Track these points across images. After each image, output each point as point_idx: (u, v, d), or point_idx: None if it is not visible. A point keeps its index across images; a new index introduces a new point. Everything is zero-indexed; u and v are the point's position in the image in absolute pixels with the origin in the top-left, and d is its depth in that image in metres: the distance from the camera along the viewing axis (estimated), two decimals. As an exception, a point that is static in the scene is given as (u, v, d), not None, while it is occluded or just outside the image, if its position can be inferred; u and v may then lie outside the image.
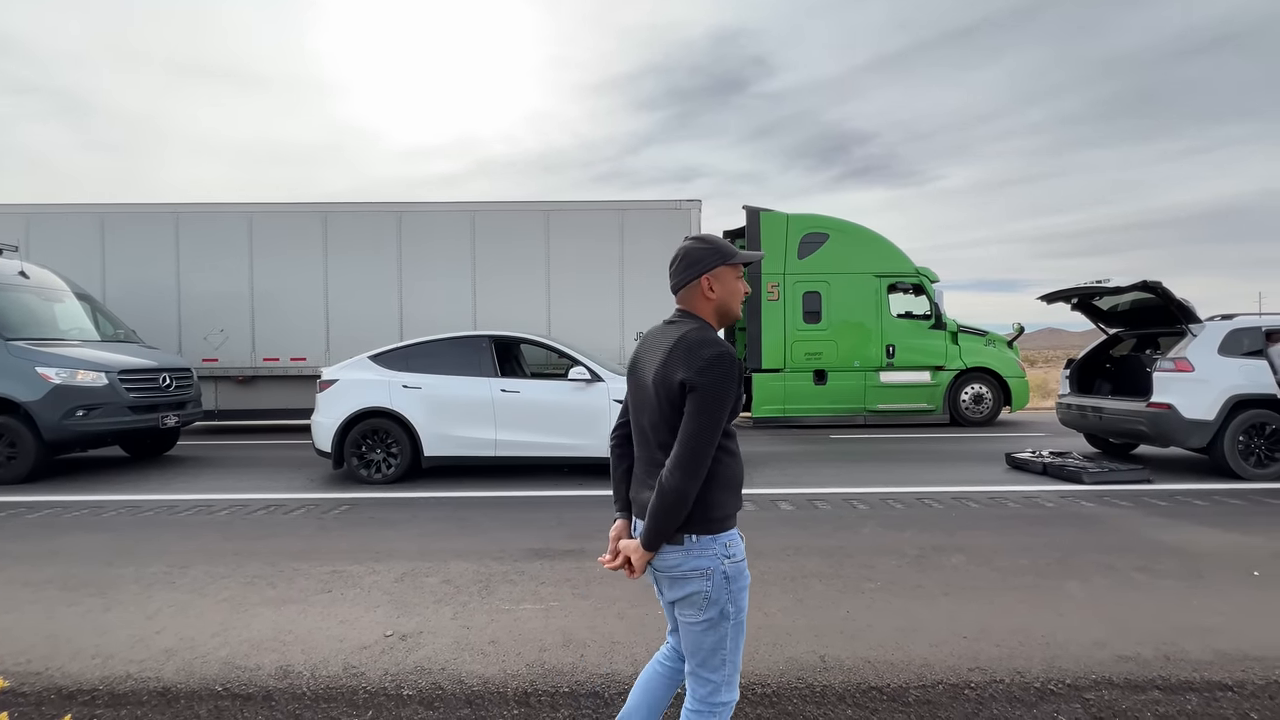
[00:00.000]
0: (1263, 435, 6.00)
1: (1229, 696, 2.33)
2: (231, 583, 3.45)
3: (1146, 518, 4.69)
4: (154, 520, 4.83)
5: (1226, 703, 2.29)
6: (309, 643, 2.75)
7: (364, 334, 9.28)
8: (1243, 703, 2.29)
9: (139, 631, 2.87)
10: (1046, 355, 48.42)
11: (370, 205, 10.08)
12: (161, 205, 9.95)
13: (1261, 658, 2.58)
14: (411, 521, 4.76)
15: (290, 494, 5.66)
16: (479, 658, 2.62)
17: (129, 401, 6.79)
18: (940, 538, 4.19)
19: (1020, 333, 10.95)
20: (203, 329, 9.78)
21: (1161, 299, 6.46)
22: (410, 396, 6.12)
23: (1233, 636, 2.75)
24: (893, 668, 2.52)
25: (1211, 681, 2.42)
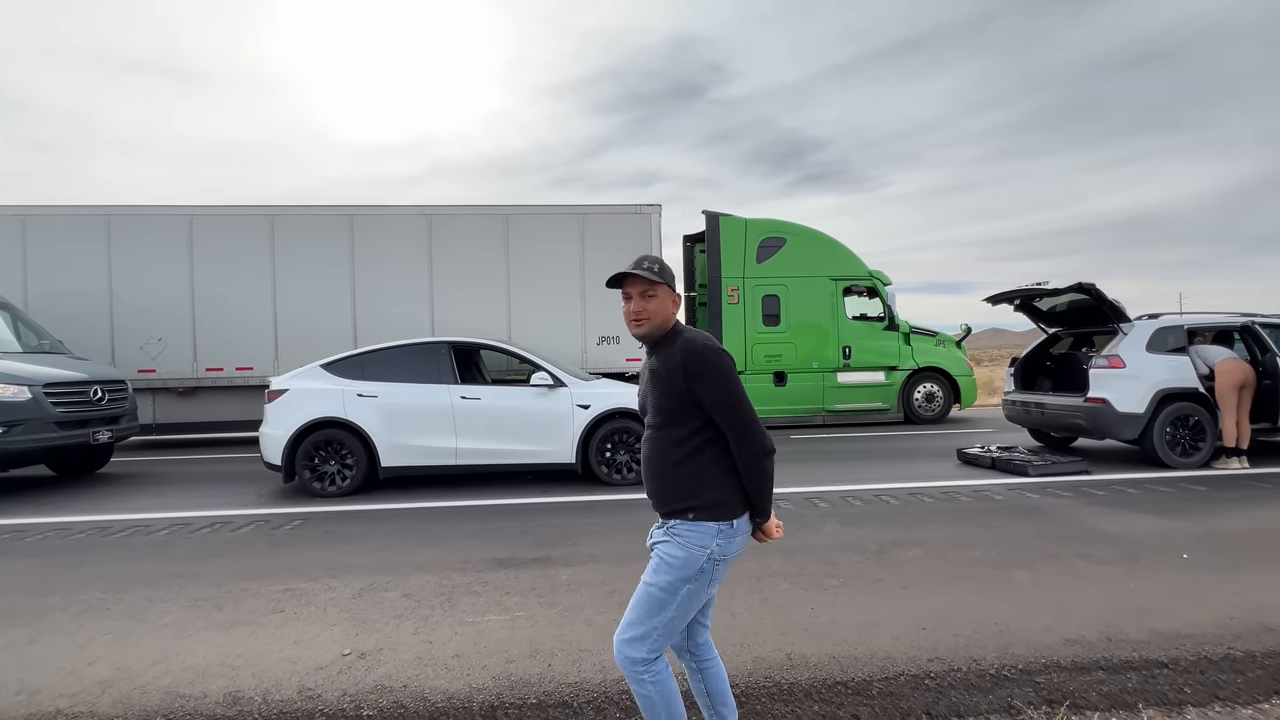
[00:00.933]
0: (1187, 426, 6.42)
1: (1165, 673, 2.47)
2: (173, 607, 3.26)
3: (1086, 507, 4.95)
4: (85, 543, 4.52)
5: (1163, 679, 2.43)
6: (260, 666, 2.62)
7: (315, 342, 8.93)
8: (1177, 678, 2.44)
9: (70, 663, 2.67)
10: (991, 354, 50.69)
11: (321, 208, 9.74)
12: (91, 207, 9.36)
13: (1192, 635, 2.75)
14: (369, 534, 4.61)
15: (237, 510, 5.39)
16: (443, 673, 2.54)
17: (55, 417, 6.35)
18: (898, 533, 4.32)
19: (967, 333, 11.42)
20: (138, 338, 9.23)
21: (1095, 299, 6.85)
22: (365, 405, 5.93)
23: (1166, 616, 2.92)
24: (857, 662, 2.57)
25: (1149, 660, 2.56)
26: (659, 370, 1.71)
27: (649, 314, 1.73)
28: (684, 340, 1.70)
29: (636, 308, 1.73)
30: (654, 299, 1.72)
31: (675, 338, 1.73)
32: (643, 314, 1.72)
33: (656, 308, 1.73)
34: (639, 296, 1.73)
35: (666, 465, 1.71)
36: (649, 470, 1.76)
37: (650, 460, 1.75)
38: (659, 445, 1.72)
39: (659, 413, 1.71)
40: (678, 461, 1.69)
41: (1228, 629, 2.79)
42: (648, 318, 1.73)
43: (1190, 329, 6.75)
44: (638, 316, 1.73)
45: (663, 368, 1.70)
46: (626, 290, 1.73)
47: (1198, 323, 6.86)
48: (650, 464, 1.75)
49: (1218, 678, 2.44)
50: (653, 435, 1.74)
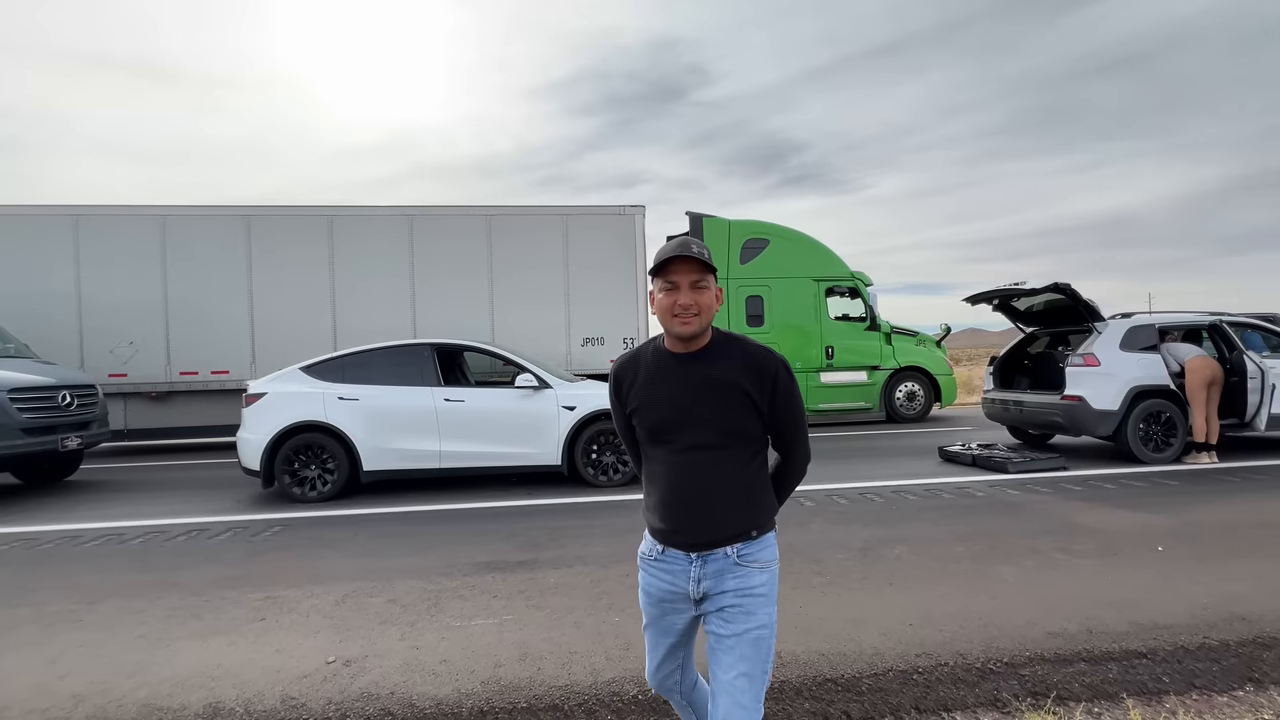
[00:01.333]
0: (1159, 422, 6.59)
1: (1144, 663, 2.53)
2: (149, 617, 3.17)
3: (1065, 502, 5.05)
4: (55, 553, 4.38)
5: (1143, 669, 2.49)
6: (241, 676, 2.55)
7: (294, 345, 8.76)
8: (1155, 668, 2.50)
9: (40, 678, 2.58)
10: (970, 354, 51.61)
11: (299, 208, 9.56)
12: (58, 207, 9.08)
13: (1169, 625, 2.81)
14: (352, 540, 4.53)
15: (215, 517, 5.26)
16: (430, 678, 2.50)
17: (21, 423, 6.15)
18: (883, 530, 4.36)
19: (947, 333, 11.61)
20: (109, 342, 8.98)
21: (1070, 299, 7.00)
22: (347, 409, 5.83)
23: (1144, 608, 2.99)
24: (845, 659, 2.59)
25: (1128, 650, 2.62)
26: (718, 381, 1.43)
27: (701, 308, 1.41)
28: (748, 346, 1.48)
29: (688, 300, 1.40)
30: (706, 291, 1.42)
31: (730, 342, 1.49)
32: (693, 308, 1.40)
33: (709, 302, 1.42)
34: (690, 288, 1.40)
35: (732, 489, 1.45)
36: (700, 497, 1.44)
37: (703, 485, 1.43)
38: (721, 468, 1.44)
39: (724, 431, 1.43)
40: (746, 485, 1.47)
41: (1202, 619, 2.87)
42: (698, 313, 1.41)
43: (1161, 328, 6.94)
44: (687, 311, 1.40)
45: (725, 378, 1.43)
46: (672, 278, 1.40)
47: (1168, 322, 7.05)
48: (703, 490, 1.44)
49: (1194, 666, 2.50)
50: (710, 457, 1.43)
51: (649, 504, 1.55)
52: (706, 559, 1.46)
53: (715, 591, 1.45)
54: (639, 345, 1.61)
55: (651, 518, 1.54)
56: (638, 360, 1.54)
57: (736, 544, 1.45)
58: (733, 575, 1.45)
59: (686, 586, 1.48)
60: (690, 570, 1.47)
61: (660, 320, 1.45)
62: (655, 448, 1.49)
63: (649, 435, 1.49)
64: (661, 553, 1.51)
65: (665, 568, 1.51)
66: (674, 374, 1.47)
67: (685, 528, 1.46)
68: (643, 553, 1.58)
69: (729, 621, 1.44)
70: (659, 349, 1.51)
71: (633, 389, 1.51)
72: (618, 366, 1.58)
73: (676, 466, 1.46)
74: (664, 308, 1.43)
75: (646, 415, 1.48)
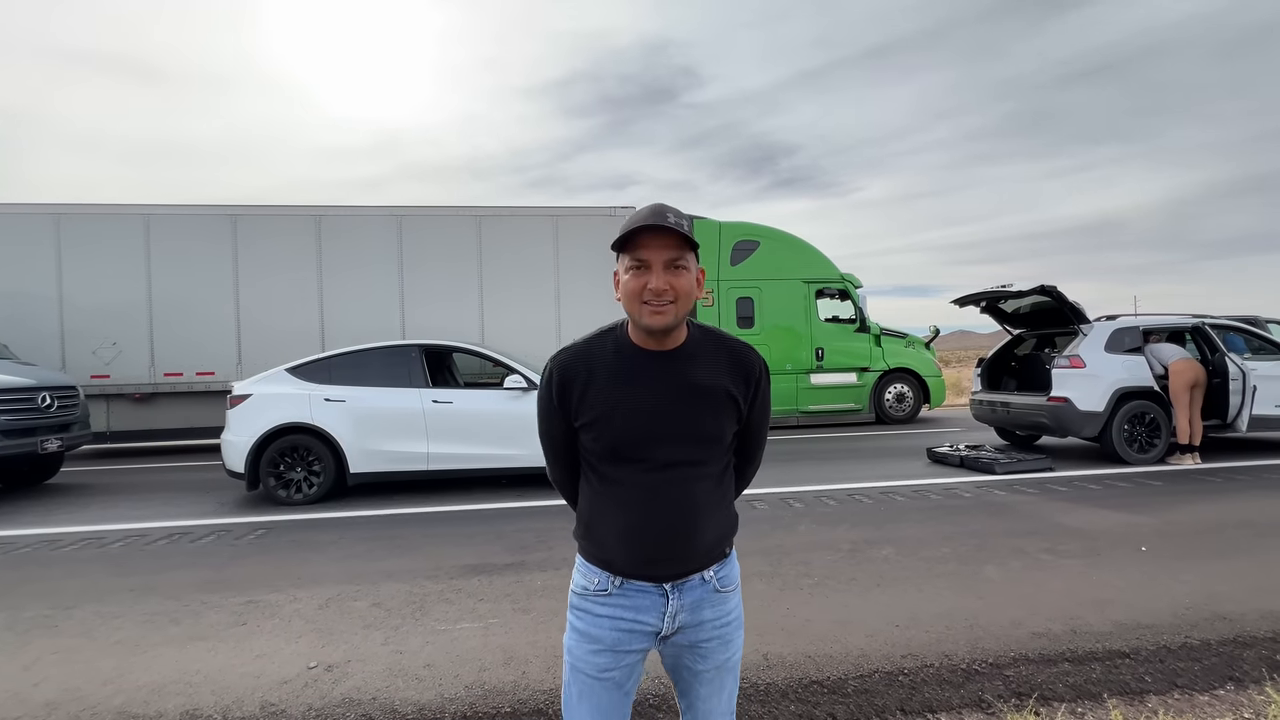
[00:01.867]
0: (1143, 423, 6.66)
1: (1127, 663, 2.54)
2: (126, 622, 3.11)
3: (1050, 503, 5.09)
4: (31, 557, 4.29)
5: (1125, 669, 2.50)
6: (220, 682, 2.51)
7: (281, 346, 8.66)
8: (1138, 667, 2.51)
9: (13, 685, 2.52)
10: (959, 355, 52.02)
11: (286, 208, 9.47)
12: (39, 205, 8.93)
13: (1152, 625, 2.84)
14: (337, 543, 4.47)
15: (197, 520, 5.19)
16: (414, 683, 2.47)
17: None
18: (871, 532, 4.37)
19: (936, 335, 11.69)
20: (91, 342, 8.84)
21: (1056, 301, 7.07)
22: (333, 410, 5.77)
23: (1127, 608, 3.01)
24: (832, 660, 2.59)
25: (1112, 650, 2.63)
26: (703, 385, 1.19)
27: (678, 294, 1.13)
28: (730, 342, 1.27)
29: (661, 284, 1.11)
30: (684, 273, 1.14)
31: (708, 337, 1.26)
32: (668, 294, 1.12)
33: (688, 287, 1.14)
34: (665, 268, 1.12)
35: (713, 507, 1.24)
36: (684, 523, 1.20)
37: (686, 508, 1.20)
38: (703, 485, 1.22)
39: (706, 443, 1.21)
40: (722, 498, 1.28)
41: (1184, 618, 2.89)
42: (674, 300, 1.13)
43: (1145, 330, 7.02)
44: (661, 298, 1.12)
45: (711, 381, 1.20)
46: (642, 255, 1.12)
47: (1152, 324, 7.13)
48: (687, 514, 1.20)
49: (1176, 666, 2.52)
50: (690, 474, 1.20)
51: (597, 534, 1.24)
52: (682, 589, 1.23)
53: (691, 624, 1.24)
54: (587, 337, 1.25)
55: (603, 549, 1.23)
56: (590, 357, 1.21)
57: (713, 566, 1.27)
58: (710, 604, 1.26)
59: (657, 622, 1.23)
60: (665, 603, 1.22)
61: (627, 308, 1.16)
62: (617, 467, 1.19)
63: (609, 453, 1.19)
64: (620, 585, 1.23)
65: (626, 602, 1.22)
66: (647, 376, 1.19)
67: (663, 558, 1.21)
68: (583, 588, 1.25)
69: (706, 656, 1.27)
70: (621, 343, 1.21)
71: (587, 395, 1.19)
72: (562, 364, 1.22)
73: (650, 489, 1.18)
74: (631, 292, 1.13)
75: (609, 428, 1.17)
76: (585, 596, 1.25)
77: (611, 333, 1.24)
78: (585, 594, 1.25)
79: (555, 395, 1.23)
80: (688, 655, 1.28)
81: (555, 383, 1.23)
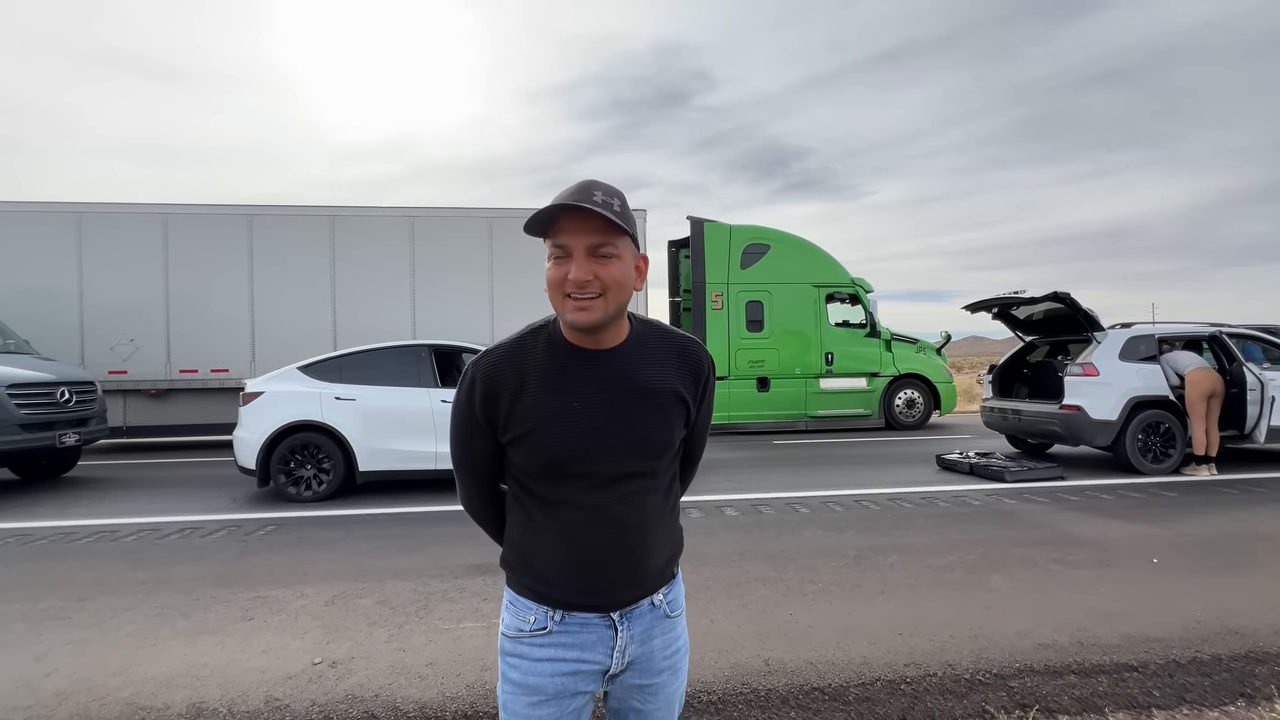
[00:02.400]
0: (1158, 433, 6.56)
1: (1135, 677, 2.51)
2: (137, 615, 3.16)
3: (1061, 512, 5.02)
4: (47, 550, 4.38)
5: (1133, 683, 2.47)
6: (226, 676, 2.55)
7: (294, 344, 8.79)
8: (1146, 681, 2.47)
9: (25, 675, 2.57)
10: (971, 361, 51.50)
11: (301, 208, 9.60)
12: (62, 204, 9.12)
13: (1161, 639, 2.79)
14: (345, 540, 4.52)
15: (209, 515, 5.26)
16: (416, 681, 2.49)
17: (19, 419, 6.16)
18: (877, 538, 4.34)
19: (947, 340, 11.59)
20: (109, 339, 9.01)
21: (1070, 308, 6.98)
22: (343, 409, 5.83)
23: (1136, 621, 2.97)
24: (834, 667, 2.58)
25: (1120, 664, 2.60)
26: (652, 387, 1.06)
27: (605, 285, 0.98)
28: (675, 336, 1.13)
29: (584, 274, 0.96)
30: (613, 261, 0.98)
31: (650, 330, 1.12)
32: (593, 285, 0.97)
33: (617, 275, 0.98)
34: (588, 255, 0.97)
35: (662, 524, 1.12)
36: (634, 545, 1.07)
37: (636, 529, 1.07)
38: (651, 501, 1.09)
39: (654, 453, 1.08)
40: (670, 512, 1.15)
41: (1195, 632, 2.85)
42: (601, 293, 0.98)
43: (1161, 338, 6.91)
44: (584, 290, 0.97)
45: (660, 382, 1.07)
46: (562, 240, 0.97)
47: (1168, 332, 7.02)
48: (637, 536, 1.07)
49: (1185, 680, 2.48)
50: (639, 488, 1.07)
51: (533, 564, 1.08)
52: (631, 617, 1.10)
53: (642, 658, 1.11)
54: (516, 335, 1.08)
55: (541, 580, 1.07)
56: (520, 361, 1.05)
57: (662, 589, 1.13)
58: (659, 632, 1.13)
59: (605, 660, 1.09)
60: (613, 636, 1.08)
61: (550, 302, 1.01)
62: (556, 485, 1.05)
63: (545, 470, 1.04)
64: (560, 620, 1.07)
65: (569, 640, 1.07)
66: (585, 379, 1.03)
67: (610, 586, 1.07)
68: (516, 629, 1.09)
69: (657, 693, 1.14)
70: (555, 342, 1.05)
71: (518, 403, 1.03)
72: (487, 369, 1.04)
73: (595, 509, 1.04)
74: (552, 283, 0.99)
75: (546, 440, 1.02)
76: (520, 640, 1.08)
77: (543, 330, 1.07)
78: (520, 637, 1.09)
79: (479, 406, 1.05)
80: (636, 696, 1.13)
81: (479, 391, 1.04)
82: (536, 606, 1.08)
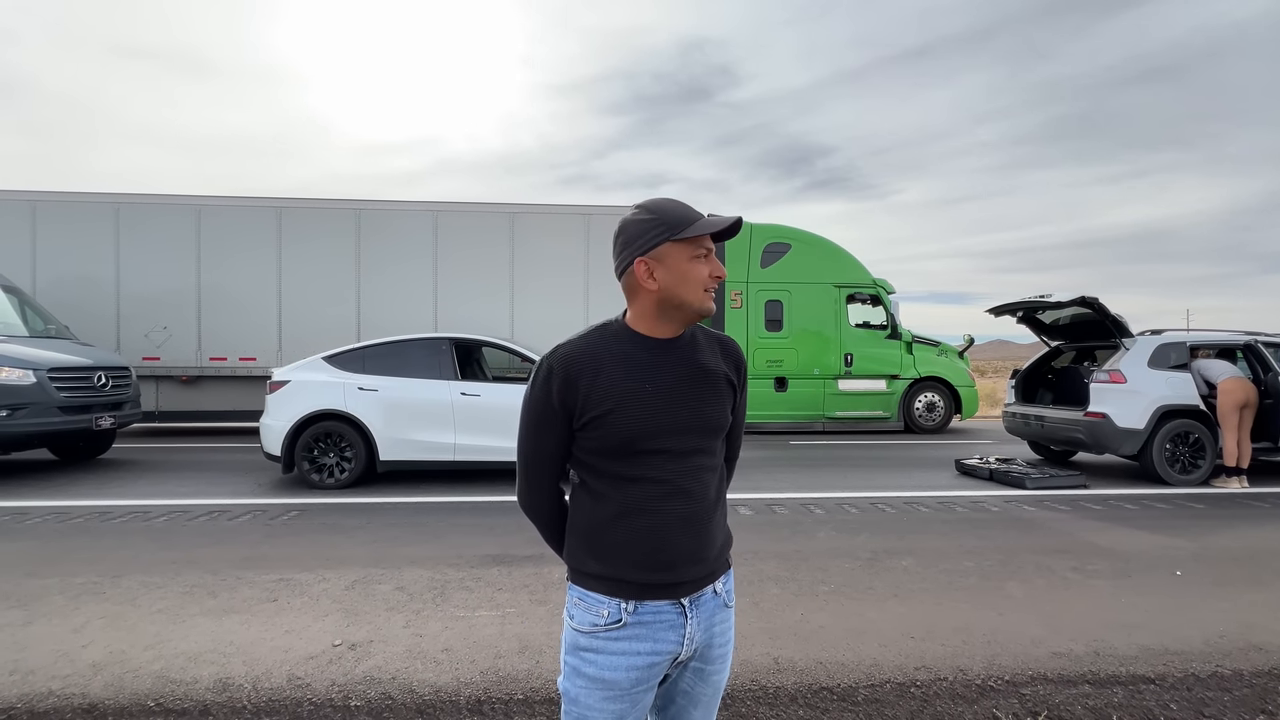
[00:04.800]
0: (1187, 443, 6.40)
1: (1151, 689, 2.47)
2: (168, 592, 3.29)
3: (1082, 521, 4.94)
4: (84, 528, 4.56)
5: (1149, 695, 2.43)
6: (251, 654, 2.64)
7: (319, 334, 8.99)
8: (1163, 694, 2.44)
9: (64, 646, 2.70)
10: (995, 365, 50.52)
11: (328, 201, 9.79)
12: (101, 195, 9.43)
13: (1181, 652, 2.75)
14: (365, 527, 4.63)
15: (236, 499, 5.43)
16: (431, 666, 2.56)
17: (59, 401, 6.41)
18: (892, 541, 4.32)
19: (970, 344, 11.41)
20: (144, 326, 9.30)
21: (1098, 314, 6.83)
22: (366, 399, 5.96)
23: (1155, 632, 2.92)
24: (843, 668, 2.58)
25: (1136, 675, 2.56)
26: (710, 370, 1.18)
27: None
28: (712, 331, 1.29)
29: (722, 272, 1.18)
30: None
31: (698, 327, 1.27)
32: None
33: None
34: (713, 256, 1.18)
35: (717, 506, 1.19)
36: (704, 519, 1.15)
37: (706, 503, 1.16)
38: (710, 479, 1.17)
39: (715, 431, 1.18)
40: (722, 501, 1.23)
41: (1216, 647, 2.79)
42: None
43: (1193, 346, 6.73)
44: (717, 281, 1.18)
45: (715, 366, 1.20)
46: (707, 244, 1.16)
47: (1200, 340, 6.83)
48: (706, 509, 1.16)
49: (1204, 695, 2.44)
50: (707, 465, 1.17)
51: (603, 549, 1.13)
52: (698, 604, 1.15)
53: (704, 645, 1.17)
54: (583, 333, 1.19)
55: (613, 566, 1.13)
56: (594, 349, 1.16)
57: (721, 576, 1.20)
58: (719, 619, 1.19)
59: (676, 648, 1.13)
60: (684, 623, 1.13)
61: (682, 294, 1.13)
62: (630, 463, 1.12)
63: (622, 447, 1.12)
64: (633, 611, 1.11)
65: (644, 631, 1.11)
66: (656, 363, 1.15)
67: (681, 561, 1.13)
68: (591, 624, 1.12)
69: (708, 679, 1.19)
70: (623, 334, 1.18)
71: (595, 387, 1.12)
72: (564, 358, 1.14)
73: (670, 482, 1.12)
74: (696, 279, 1.13)
75: (623, 418, 1.10)
76: (595, 634, 1.12)
77: (609, 327, 1.19)
78: (595, 631, 1.12)
79: (557, 393, 1.13)
80: (688, 679, 1.19)
81: (557, 379, 1.13)
82: (608, 599, 1.12)
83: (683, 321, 1.17)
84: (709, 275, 1.14)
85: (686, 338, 1.20)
